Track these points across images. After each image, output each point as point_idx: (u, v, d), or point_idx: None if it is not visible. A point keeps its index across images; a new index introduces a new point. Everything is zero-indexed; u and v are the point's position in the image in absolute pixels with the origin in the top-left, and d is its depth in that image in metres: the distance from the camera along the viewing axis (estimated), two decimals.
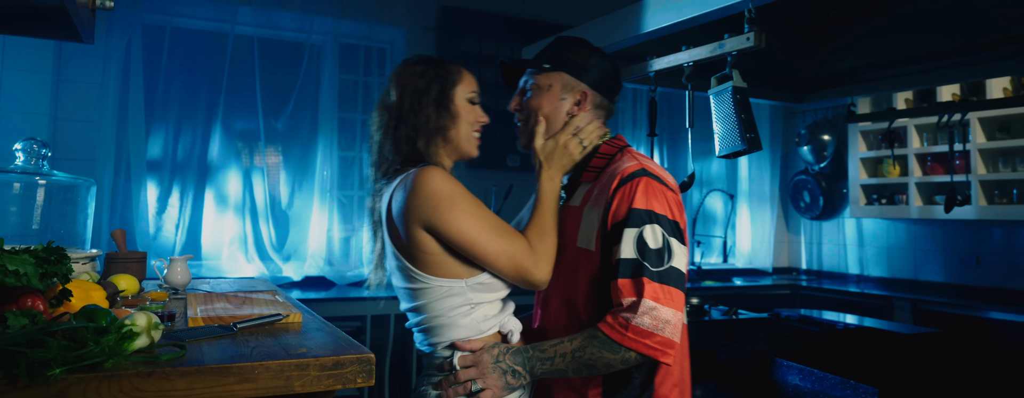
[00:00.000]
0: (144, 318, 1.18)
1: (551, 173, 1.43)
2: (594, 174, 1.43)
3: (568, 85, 1.45)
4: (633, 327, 1.23)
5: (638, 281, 1.25)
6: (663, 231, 1.28)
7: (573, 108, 1.45)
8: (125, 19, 3.28)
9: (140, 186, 3.34)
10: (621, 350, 1.24)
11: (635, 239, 1.27)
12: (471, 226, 1.30)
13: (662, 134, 4.64)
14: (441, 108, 1.40)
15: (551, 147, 1.44)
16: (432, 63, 1.43)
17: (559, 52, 1.48)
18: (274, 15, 3.58)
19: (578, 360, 1.27)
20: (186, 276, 1.97)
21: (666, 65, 2.17)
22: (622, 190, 1.31)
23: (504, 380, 1.30)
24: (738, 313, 2.70)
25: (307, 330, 1.43)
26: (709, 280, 4.42)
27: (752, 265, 4.88)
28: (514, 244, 1.33)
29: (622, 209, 1.30)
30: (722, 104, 1.97)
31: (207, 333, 1.33)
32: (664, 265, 1.26)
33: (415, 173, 1.33)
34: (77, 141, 3.24)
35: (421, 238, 1.32)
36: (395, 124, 1.40)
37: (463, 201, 1.31)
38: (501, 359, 1.31)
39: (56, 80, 3.18)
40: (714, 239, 4.78)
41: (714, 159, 4.87)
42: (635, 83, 2.87)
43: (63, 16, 1.88)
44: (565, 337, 1.30)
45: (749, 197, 4.90)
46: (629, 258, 1.27)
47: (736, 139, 1.92)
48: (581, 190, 1.44)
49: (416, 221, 1.31)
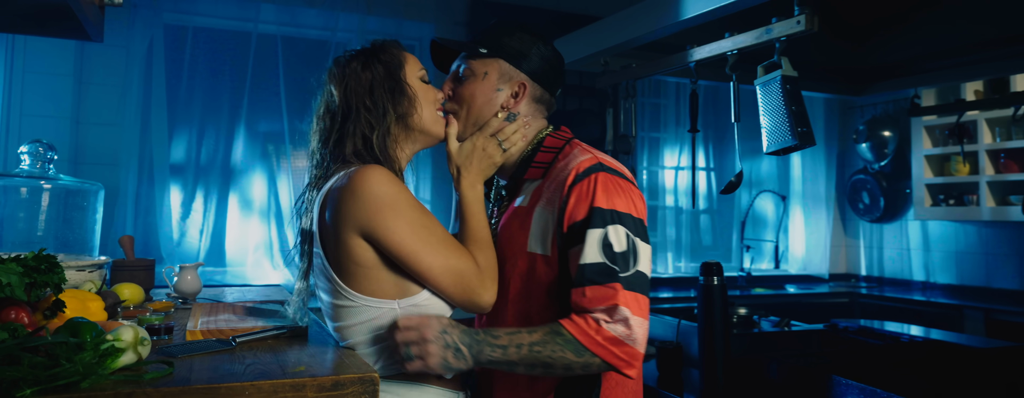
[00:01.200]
0: (130, 332, 1.12)
1: (471, 180, 1.34)
2: (541, 170, 1.33)
3: (505, 74, 1.36)
4: (605, 332, 1.15)
5: (610, 287, 1.17)
6: (627, 232, 1.20)
7: (509, 101, 1.36)
8: (146, 19, 3.28)
9: (163, 191, 3.34)
10: (586, 354, 1.15)
11: (600, 241, 1.19)
12: (415, 236, 1.21)
13: (707, 131, 4.51)
14: (397, 94, 1.32)
15: (467, 150, 1.35)
16: (368, 53, 1.36)
17: (497, 37, 1.38)
18: (298, 12, 3.56)
19: (535, 356, 1.17)
20: (196, 284, 1.92)
21: (708, 54, 2.06)
22: (578, 187, 1.22)
23: (444, 356, 1.17)
24: (790, 324, 2.57)
25: (313, 344, 1.36)
26: (760, 287, 4.30)
27: (806, 271, 4.76)
28: (461, 260, 1.24)
29: (581, 208, 1.21)
30: (770, 95, 1.85)
31: (203, 348, 1.27)
32: (631, 269, 1.19)
33: (354, 172, 1.23)
34: (99, 145, 3.25)
35: (355, 246, 1.22)
36: (343, 127, 1.31)
37: (408, 207, 1.22)
38: (449, 332, 1.18)
39: (77, 82, 3.20)
40: (765, 243, 4.67)
41: (764, 157, 4.74)
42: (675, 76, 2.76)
43: (68, 14, 1.86)
44: (521, 328, 1.20)
45: (803, 198, 4.79)
46: (595, 262, 1.18)
47: (786, 134, 1.80)
48: (527, 188, 1.35)
49: (352, 226, 1.21)
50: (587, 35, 2.51)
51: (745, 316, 2.57)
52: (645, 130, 4.38)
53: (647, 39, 2.26)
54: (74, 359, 0.98)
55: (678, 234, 4.42)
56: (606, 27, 2.40)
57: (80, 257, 1.97)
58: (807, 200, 4.78)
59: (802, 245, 4.79)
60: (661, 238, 4.40)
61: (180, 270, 1.91)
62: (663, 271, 4.38)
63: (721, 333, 1.99)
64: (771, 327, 2.57)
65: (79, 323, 1.13)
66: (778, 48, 1.84)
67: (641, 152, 4.35)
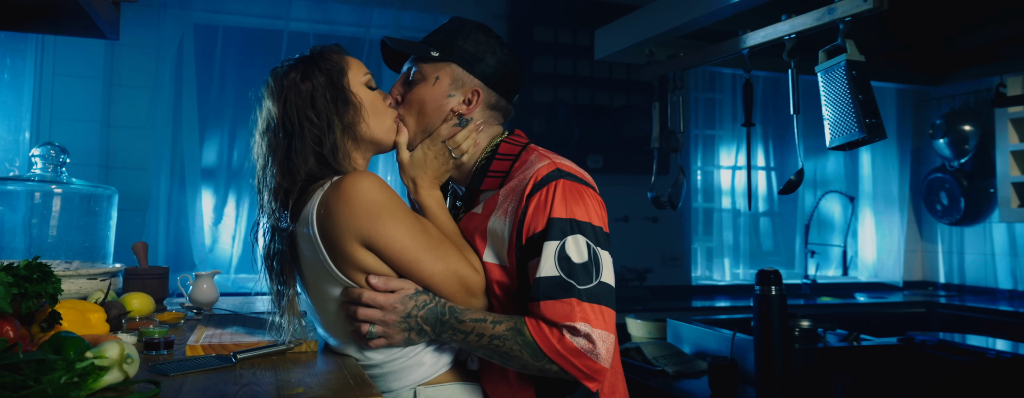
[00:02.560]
0: (115, 348, 1.06)
1: (426, 189, 1.34)
2: (498, 179, 1.31)
3: (458, 80, 1.33)
4: (567, 342, 1.15)
5: (565, 303, 1.16)
6: (587, 241, 1.19)
7: (461, 106, 1.33)
8: (176, 18, 3.30)
9: (195, 195, 3.35)
10: (543, 359, 1.17)
11: (556, 254, 1.18)
12: (416, 242, 1.20)
13: (766, 127, 4.36)
14: (341, 104, 1.28)
15: (418, 159, 1.34)
16: (307, 62, 1.31)
17: (450, 39, 1.34)
18: (330, 9, 3.54)
19: (494, 349, 1.19)
20: (213, 294, 1.88)
21: (763, 40, 1.94)
22: (537, 196, 1.21)
23: (406, 336, 1.21)
24: (860, 338, 2.42)
25: (320, 362, 1.29)
26: (826, 296, 4.16)
27: (878, 279, 4.62)
28: (460, 263, 1.24)
29: (539, 219, 1.20)
30: (833, 83, 1.72)
31: (200, 365, 1.21)
32: (593, 281, 1.18)
33: (340, 181, 1.20)
34: (130, 148, 3.28)
35: (359, 255, 1.20)
36: (289, 144, 1.26)
37: (404, 213, 1.21)
38: (415, 314, 1.20)
39: (107, 85, 3.23)
40: (832, 249, 4.52)
41: (830, 155, 4.61)
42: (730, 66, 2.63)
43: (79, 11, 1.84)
44: (490, 316, 1.21)
45: (873, 199, 4.65)
46: (551, 276, 1.17)
47: (852, 126, 1.66)
48: (484, 197, 1.33)
49: (351, 236, 1.18)
50: (630, 23, 2.39)
51: (808, 329, 2.43)
52: (699, 127, 4.24)
53: (696, 26, 2.14)
54: (43, 380, 0.92)
55: (736, 238, 4.28)
56: (650, 14, 2.29)
57: (94, 265, 1.94)
58: (878, 201, 4.65)
59: (873, 250, 4.66)
60: (717, 243, 4.27)
61: (195, 278, 1.87)
62: (719, 278, 4.25)
63: (780, 348, 1.90)
64: (837, 341, 2.43)
65: (64, 338, 1.08)
66: (842, 30, 1.71)
67: (694, 151, 4.22)
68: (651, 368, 2.24)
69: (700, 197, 4.26)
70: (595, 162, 3.85)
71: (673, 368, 2.21)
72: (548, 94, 3.86)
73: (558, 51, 3.88)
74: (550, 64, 3.87)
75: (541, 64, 3.86)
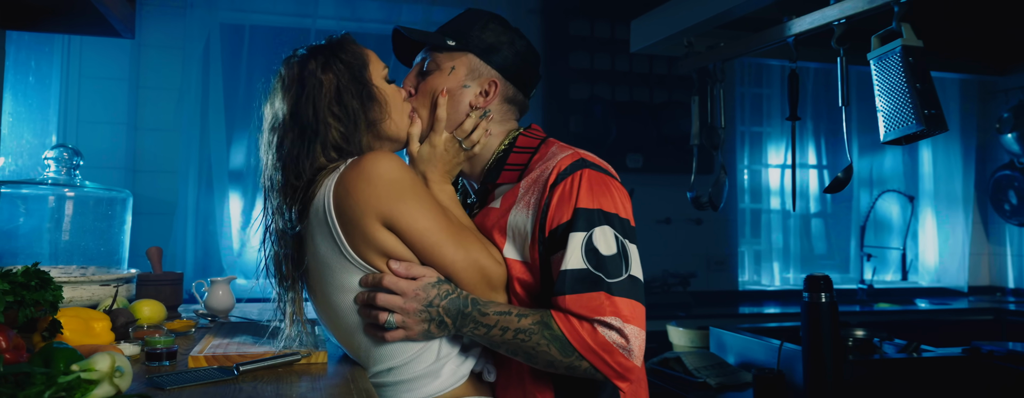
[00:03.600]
0: (106, 361, 1.02)
1: (436, 182, 1.29)
2: (516, 172, 1.28)
3: (475, 70, 1.30)
4: (599, 336, 1.11)
5: (594, 297, 1.12)
6: (615, 233, 1.15)
7: (477, 99, 1.30)
8: (202, 19, 3.31)
9: (222, 199, 3.36)
10: (573, 355, 1.12)
11: (583, 245, 1.14)
12: (438, 225, 1.17)
13: (817, 122, 4.22)
14: (367, 100, 1.24)
15: (427, 153, 1.30)
16: (326, 51, 1.26)
17: (466, 28, 1.31)
18: (358, 6, 3.52)
19: (518, 344, 1.14)
20: (228, 300, 1.85)
21: (809, 26, 1.84)
22: (562, 186, 1.17)
23: (426, 327, 1.17)
24: (920, 348, 2.30)
25: (330, 375, 1.24)
26: (884, 302, 4.01)
27: (940, 284, 4.44)
28: (482, 254, 1.19)
29: (564, 209, 1.16)
30: (888, 71, 1.62)
31: (200, 378, 1.17)
32: (623, 275, 1.14)
33: (360, 160, 1.17)
34: (157, 151, 3.30)
35: (380, 236, 1.16)
36: (305, 140, 1.21)
37: (426, 195, 1.18)
38: (437, 304, 1.16)
39: (133, 87, 3.26)
40: (890, 252, 4.37)
41: (888, 152, 4.45)
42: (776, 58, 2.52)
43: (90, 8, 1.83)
44: (515, 309, 1.16)
45: (934, 199, 4.48)
46: (578, 269, 1.13)
47: (908, 117, 1.56)
48: (501, 191, 1.29)
49: (372, 214, 1.14)
50: (667, 12, 2.31)
51: (863, 338, 2.32)
52: (746, 124, 4.12)
53: (738, 13, 2.05)
54: (19, 395, 0.88)
55: (785, 241, 4.16)
56: (689, 2, 2.20)
57: (110, 270, 1.93)
58: (940, 201, 4.48)
59: (935, 253, 4.49)
60: (766, 246, 4.14)
61: (211, 284, 1.84)
62: (768, 283, 4.12)
63: (831, 359, 1.80)
64: (896, 352, 2.32)
65: (55, 349, 1.05)
66: (897, 13, 1.62)
67: (741, 148, 4.10)
68: (692, 380, 2.16)
69: (747, 197, 4.14)
70: (635, 161, 3.76)
71: (715, 380, 2.13)
72: (584, 91, 3.79)
73: (594, 46, 3.80)
74: (586, 59, 3.80)
75: (577, 59, 3.78)
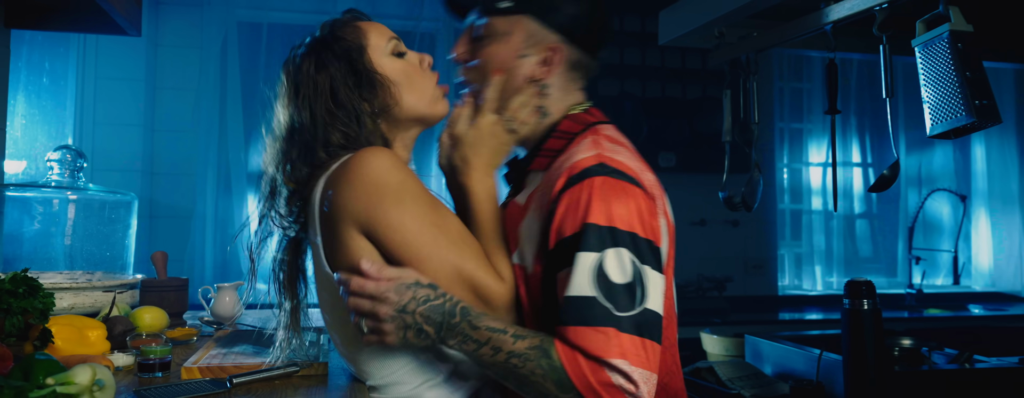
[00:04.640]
0: (85, 374, 0.99)
1: (480, 172, 1.15)
2: (547, 160, 1.15)
3: (533, 36, 1.17)
4: (602, 375, 0.96)
5: (601, 332, 0.97)
6: (632, 257, 0.99)
7: (537, 69, 1.17)
8: (219, 17, 3.31)
9: (241, 201, 3.34)
10: (571, 391, 0.98)
11: (593, 270, 0.99)
12: (422, 236, 1.05)
13: (862, 118, 4.10)
14: (367, 89, 1.16)
15: (472, 136, 1.16)
16: (319, 47, 1.19)
17: None
18: (378, 1, 3.48)
19: (510, 369, 1.01)
20: (235, 307, 1.81)
21: (848, 12, 1.75)
22: (569, 194, 1.03)
23: (402, 335, 1.02)
24: (973, 359, 2.19)
25: (330, 389, 1.19)
26: (934, 308, 3.87)
27: (995, 288, 4.29)
28: (478, 268, 1.08)
29: (570, 222, 1.02)
30: (934, 59, 1.52)
31: (190, 391, 1.13)
32: (637, 307, 0.99)
33: (350, 157, 1.08)
34: (174, 153, 3.30)
35: (355, 244, 1.06)
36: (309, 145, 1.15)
37: (414, 198, 1.07)
38: (412, 309, 1.01)
39: (150, 87, 3.26)
40: (941, 254, 4.22)
41: (938, 148, 4.31)
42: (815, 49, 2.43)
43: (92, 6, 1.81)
44: (512, 328, 1.03)
45: (988, 198, 4.32)
46: (584, 297, 0.98)
47: (958, 109, 1.47)
48: (531, 181, 1.17)
49: (349, 219, 1.06)
50: (697, 2, 2.23)
51: (910, 348, 2.21)
52: (785, 120, 4.01)
53: (772, 1, 1.96)
54: None
55: (828, 243, 4.04)
56: None
57: (115, 276, 1.91)
58: (994, 200, 4.33)
59: (989, 256, 4.33)
60: (807, 248, 4.03)
61: (217, 290, 1.81)
62: (809, 288, 4.01)
63: (874, 371, 1.70)
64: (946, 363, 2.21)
65: (35, 360, 1.02)
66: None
67: (780, 146, 3.99)
68: (725, 391, 2.07)
69: (787, 197, 4.03)
70: (667, 160, 3.67)
71: (750, 392, 2.04)
72: (614, 87, 3.71)
73: (624, 40, 3.72)
74: (616, 54, 3.72)
75: (606, 54, 3.70)
